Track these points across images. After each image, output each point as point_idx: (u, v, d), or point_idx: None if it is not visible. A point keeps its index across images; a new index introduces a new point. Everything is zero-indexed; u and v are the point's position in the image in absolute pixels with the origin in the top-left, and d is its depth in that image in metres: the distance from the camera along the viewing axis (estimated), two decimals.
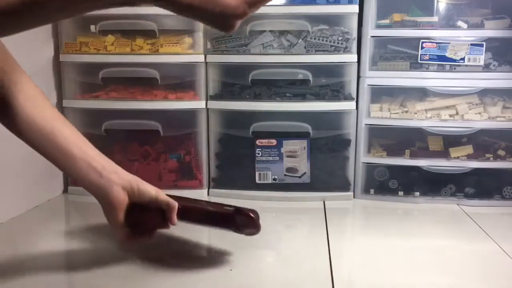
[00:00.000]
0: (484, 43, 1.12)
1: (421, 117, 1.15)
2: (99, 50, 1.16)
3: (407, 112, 1.15)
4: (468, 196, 1.15)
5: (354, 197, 1.19)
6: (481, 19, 1.14)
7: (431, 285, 0.75)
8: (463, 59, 1.12)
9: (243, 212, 0.79)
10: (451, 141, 1.17)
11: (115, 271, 0.77)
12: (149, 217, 0.78)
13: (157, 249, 0.84)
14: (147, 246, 0.81)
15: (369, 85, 1.16)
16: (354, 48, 1.14)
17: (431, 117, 1.15)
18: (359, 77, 1.16)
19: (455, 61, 1.13)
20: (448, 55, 1.12)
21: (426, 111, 1.15)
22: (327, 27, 1.14)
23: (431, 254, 0.87)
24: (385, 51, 1.16)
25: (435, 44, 1.12)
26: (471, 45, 1.12)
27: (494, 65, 1.13)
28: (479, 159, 1.15)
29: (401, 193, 1.17)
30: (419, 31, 1.12)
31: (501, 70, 1.13)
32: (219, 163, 1.22)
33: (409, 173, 1.17)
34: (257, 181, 1.19)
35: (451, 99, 1.14)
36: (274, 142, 1.18)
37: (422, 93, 1.16)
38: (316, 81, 1.16)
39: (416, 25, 1.13)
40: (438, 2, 1.14)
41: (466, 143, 1.17)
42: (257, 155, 1.18)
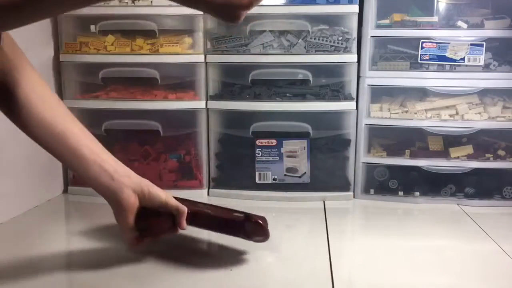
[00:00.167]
0: (484, 43, 1.12)
1: (421, 117, 1.15)
2: (99, 50, 1.16)
3: (407, 112, 1.15)
4: (468, 196, 1.15)
5: (354, 197, 1.19)
6: (481, 19, 1.14)
7: (431, 285, 0.75)
8: (463, 59, 1.12)
9: (252, 219, 0.79)
10: (451, 141, 1.17)
11: (115, 271, 0.77)
12: (158, 221, 0.79)
13: (156, 249, 0.84)
14: (147, 246, 0.81)
15: (369, 85, 1.16)
16: (354, 48, 1.14)
17: (431, 117, 1.15)
18: (359, 77, 1.16)
19: (455, 61, 1.13)
20: (448, 55, 1.12)
21: (426, 111, 1.15)
22: (327, 27, 1.14)
23: (431, 254, 0.87)
24: (385, 51, 1.16)
25: (435, 44, 1.12)
26: (471, 45, 1.12)
27: (494, 65, 1.13)
28: (479, 159, 1.15)
29: (401, 193, 1.17)
30: (419, 31, 1.12)
31: (501, 70, 1.13)
32: (219, 163, 1.22)
33: (409, 173, 1.17)
34: (257, 181, 1.19)
35: (451, 99, 1.14)
36: (274, 142, 1.18)
37: (422, 93, 1.16)
38: (316, 81, 1.16)
39: (416, 25, 1.13)
40: (438, 2, 1.14)
41: (466, 143, 1.17)
42: (257, 155, 1.18)
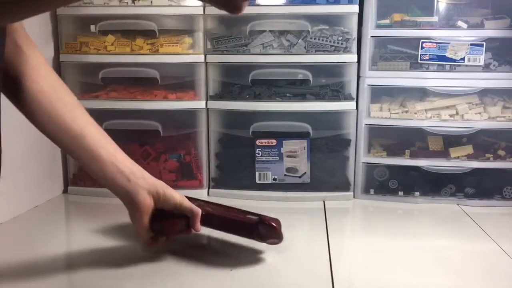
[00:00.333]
0: (484, 43, 1.12)
1: (421, 117, 1.15)
2: (99, 50, 1.16)
3: (407, 112, 1.15)
4: (468, 196, 1.15)
5: (354, 197, 1.19)
6: (481, 19, 1.14)
7: (431, 285, 0.75)
8: (463, 59, 1.12)
9: (266, 221, 0.80)
10: (451, 141, 1.17)
11: (115, 271, 0.77)
12: (173, 223, 0.79)
13: (156, 249, 0.84)
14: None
15: (369, 85, 1.16)
16: (354, 48, 1.14)
17: (431, 117, 1.15)
18: (359, 77, 1.16)
19: (455, 61, 1.13)
20: (448, 55, 1.12)
21: (426, 111, 1.15)
22: (327, 27, 1.14)
23: (431, 254, 0.87)
24: (385, 51, 1.16)
25: (435, 44, 1.12)
26: (471, 45, 1.12)
27: (494, 65, 1.13)
28: (479, 159, 1.15)
29: (401, 193, 1.17)
30: (419, 31, 1.12)
31: (501, 70, 1.13)
32: (219, 163, 1.22)
33: (409, 173, 1.17)
34: (257, 181, 1.19)
35: (451, 99, 1.14)
36: (274, 142, 1.18)
37: (422, 93, 1.16)
38: (316, 81, 1.16)
39: (416, 25, 1.13)
40: (438, 2, 1.14)
41: (466, 143, 1.17)
42: (257, 155, 1.18)
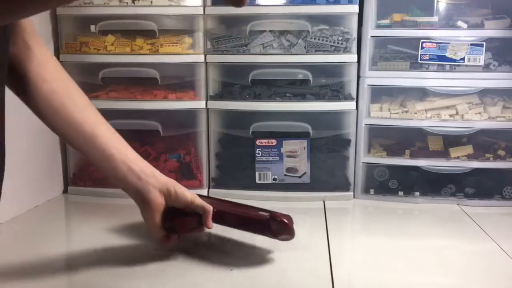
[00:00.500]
0: (484, 43, 1.12)
1: (421, 117, 1.15)
2: (99, 50, 1.16)
3: (407, 112, 1.15)
4: (468, 196, 1.15)
5: (354, 197, 1.19)
6: (481, 19, 1.14)
7: (431, 285, 0.75)
8: (463, 59, 1.12)
9: (277, 218, 0.80)
10: (451, 141, 1.17)
11: (115, 271, 0.77)
12: (185, 221, 0.80)
13: (156, 249, 0.84)
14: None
15: (369, 85, 1.16)
16: (354, 48, 1.14)
17: (431, 117, 1.15)
18: (359, 77, 1.16)
19: (455, 61, 1.13)
20: (448, 55, 1.12)
21: (426, 111, 1.15)
22: (327, 27, 1.14)
23: (431, 254, 0.87)
24: (385, 51, 1.16)
25: (435, 44, 1.12)
26: (471, 45, 1.12)
27: (494, 65, 1.13)
28: (479, 159, 1.15)
29: (401, 193, 1.17)
30: (419, 31, 1.12)
31: (501, 70, 1.13)
32: (219, 163, 1.22)
33: (409, 173, 1.17)
34: (257, 181, 1.19)
35: (451, 99, 1.14)
36: (274, 142, 1.18)
37: (422, 93, 1.16)
38: (316, 81, 1.16)
39: (416, 25, 1.13)
40: (438, 2, 1.14)
41: (466, 143, 1.17)
42: (257, 155, 1.18)
